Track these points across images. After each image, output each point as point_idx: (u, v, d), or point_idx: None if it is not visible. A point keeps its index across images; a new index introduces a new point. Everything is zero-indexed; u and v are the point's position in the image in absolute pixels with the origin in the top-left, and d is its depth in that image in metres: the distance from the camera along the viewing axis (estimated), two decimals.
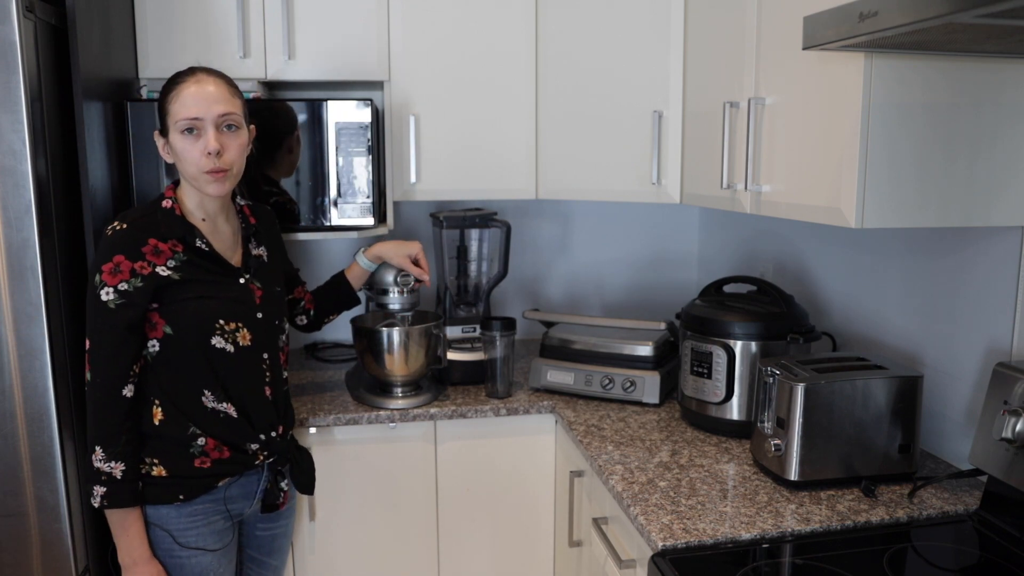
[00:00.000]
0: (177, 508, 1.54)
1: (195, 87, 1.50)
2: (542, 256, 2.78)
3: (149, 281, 1.47)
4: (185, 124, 1.49)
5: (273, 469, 1.68)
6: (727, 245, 2.63)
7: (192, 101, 1.49)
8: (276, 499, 1.70)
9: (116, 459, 1.47)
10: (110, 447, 1.47)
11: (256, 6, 2.13)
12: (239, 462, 1.60)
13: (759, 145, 1.64)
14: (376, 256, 2.00)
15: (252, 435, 1.61)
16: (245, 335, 1.58)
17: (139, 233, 1.48)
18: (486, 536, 2.17)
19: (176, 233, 1.51)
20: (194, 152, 1.50)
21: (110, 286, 1.45)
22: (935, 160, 1.37)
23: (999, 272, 1.55)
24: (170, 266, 1.49)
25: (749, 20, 1.67)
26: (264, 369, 1.63)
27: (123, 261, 1.46)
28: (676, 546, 1.37)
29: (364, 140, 2.10)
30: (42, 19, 1.61)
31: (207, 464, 1.56)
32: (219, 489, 1.58)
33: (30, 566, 1.65)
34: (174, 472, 1.53)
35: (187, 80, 1.52)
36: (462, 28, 2.25)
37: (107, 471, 1.46)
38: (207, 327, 1.53)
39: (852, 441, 1.57)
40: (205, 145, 1.49)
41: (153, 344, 1.52)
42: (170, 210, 1.53)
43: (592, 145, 2.20)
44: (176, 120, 1.49)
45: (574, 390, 2.16)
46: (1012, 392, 1.40)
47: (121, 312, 1.46)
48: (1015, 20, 0.97)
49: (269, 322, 1.64)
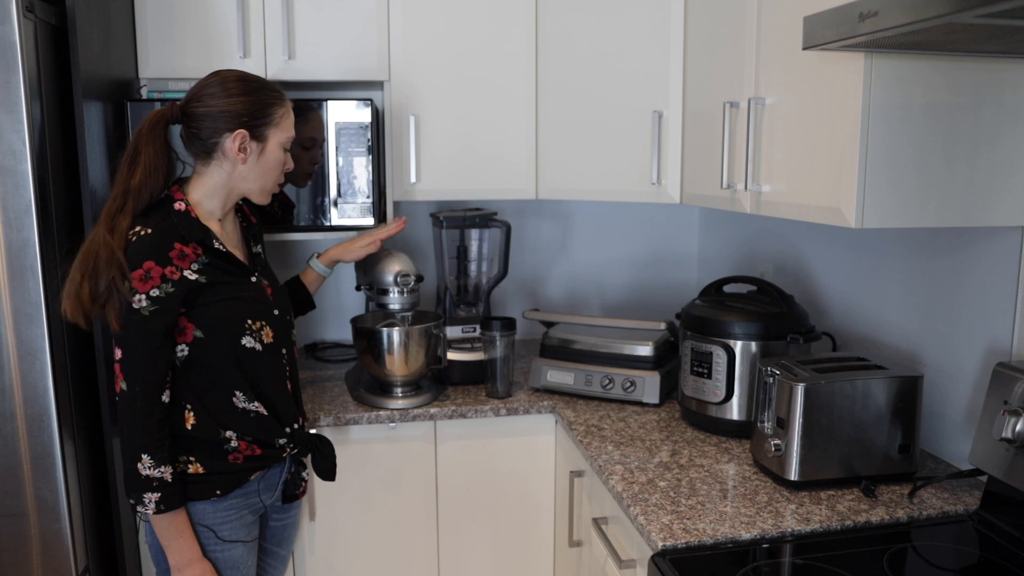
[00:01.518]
0: (214, 503, 1.55)
1: (291, 111, 1.61)
2: (542, 256, 2.78)
3: (180, 286, 1.46)
4: (289, 143, 1.60)
5: (295, 460, 1.71)
6: (727, 245, 2.63)
7: (292, 123, 1.61)
8: (296, 488, 1.73)
9: (164, 463, 1.47)
10: (157, 453, 1.46)
11: (256, 6, 2.13)
12: (269, 457, 1.62)
13: (759, 145, 1.64)
14: (331, 260, 1.97)
15: (280, 431, 1.63)
16: (268, 333, 1.59)
17: (165, 237, 1.46)
18: (486, 536, 2.17)
19: (195, 236, 1.50)
20: (280, 167, 1.60)
21: (142, 293, 1.43)
22: (935, 160, 1.37)
23: (999, 272, 1.55)
24: (195, 269, 1.48)
25: (749, 20, 1.67)
26: (284, 364, 1.65)
27: (153, 267, 1.44)
28: (676, 546, 1.37)
29: (364, 140, 2.10)
30: (42, 19, 1.61)
31: (240, 460, 1.57)
32: (252, 482, 1.61)
33: (30, 566, 1.65)
34: (211, 468, 1.54)
35: (287, 100, 1.60)
36: (462, 28, 2.25)
37: (158, 476, 1.46)
38: (237, 328, 1.54)
39: (852, 441, 1.57)
40: (287, 163, 1.61)
41: (182, 349, 1.51)
42: (185, 212, 1.51)
43: (592, 145, 2.20)
44: (287, 136, 1.58)
45: (574, 390, 2.16)
46: (1012, 392, 1.40)
47: (156, 318, 1.44)
48: (1015, 20, 0.97)
49: (283, 318, 1.66)
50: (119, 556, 1.87)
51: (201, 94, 1.52)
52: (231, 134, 1.51)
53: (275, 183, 1.61)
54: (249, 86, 1.54)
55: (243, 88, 1.53)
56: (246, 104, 1.52)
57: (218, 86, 1.52)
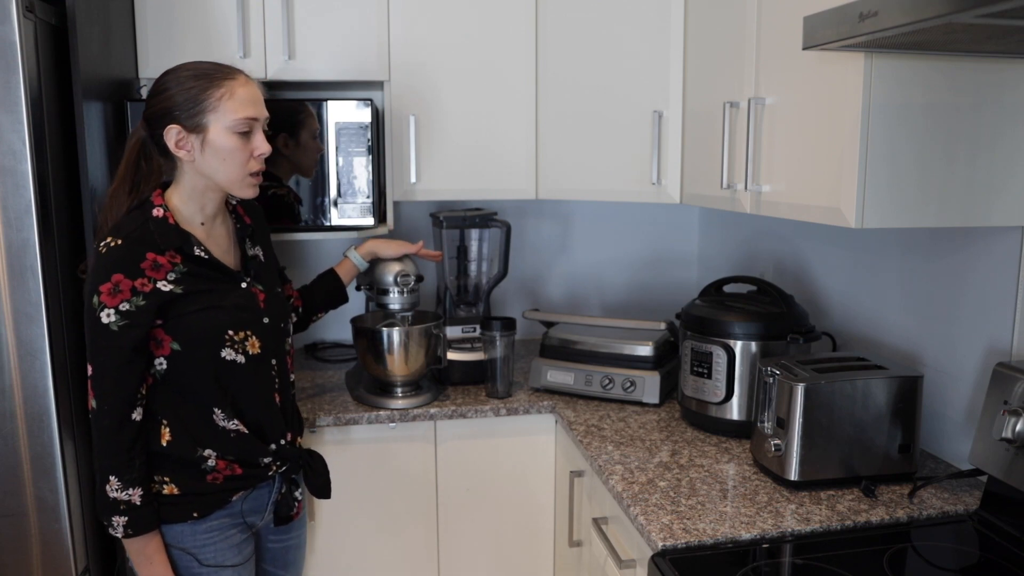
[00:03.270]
0: (192, 525, 1.49)
1: (247, 88, 1.45)
2: (542, 256, 2.78)
3: (151, 298, 1.40)
4: (243, 125, 1.44)
5: (286, 478, 1.63)
6: (727, 245, 2.63)
7: (250, 101, 1.45)
8: (290, 510, 1.64)
9: (133, 485, 1.41)
10: (125, 474, 1.41)
11: (256, 6, 2.13)
12: (252, 476, 1.55)
13: (759, 145, 1.64)
14: (369, 252, 1.97)
15: (263, 449, 1.55)
16: (254, 343, 1.52)
17: (136, 247, 1.40)
18: (486, 536, 2.17)
19: (172, 243, 1.43)
20: (244, 154, 1.45)
21: (111, 307, 1.37)
22: (935, 160, 1.37)
23: (999, 272, 1.55)
24: (171, 279, 1.42)
25: (749, 20, 1.67)
26: (273, 376, 1.57)
27: (122, 280, 1.38)
28: (676, 546, 1.37)
29: (364, 140, 2.10)
30: (42, 19, 1.61)
31: (219, 480, 1.50)
32: (234, 503, 1.53)
33: (30, 566, 1.65)
34: (186, 490, 1.48)
35: (236, 78, 1.45)
36: (462, 28, 2.25)
37: (126, 499, 1.41)
38: (216, 339, 1.47)
39: (852, 441, 1.57)
40: (256, 147, 1.46)
41: (160, 362, 1.45)
42: (162, 219, 1.44)
43: (592, 145, 2.20)
44: (233, 118, 1.43)
45: (574, 390, 2.16)
46: (1012, 392, 1.40)
47: (125, 333, 1.39)
48: (1015, 20, 0.97)
49: (275, 326, 1.58)
50: (119, 556, 1.87)
51: (147, 98, 1.47)
52: (165, 131, 1.43)
53: (242, 170, 1.47)
54: (179, 76, 1.44)
55: (174, 81, 1.44)
56: (176, 97, 1.43)
57: (155, 85, 1.46)
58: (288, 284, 1.89)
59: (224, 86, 1.43)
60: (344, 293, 1.96)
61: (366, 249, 1.98)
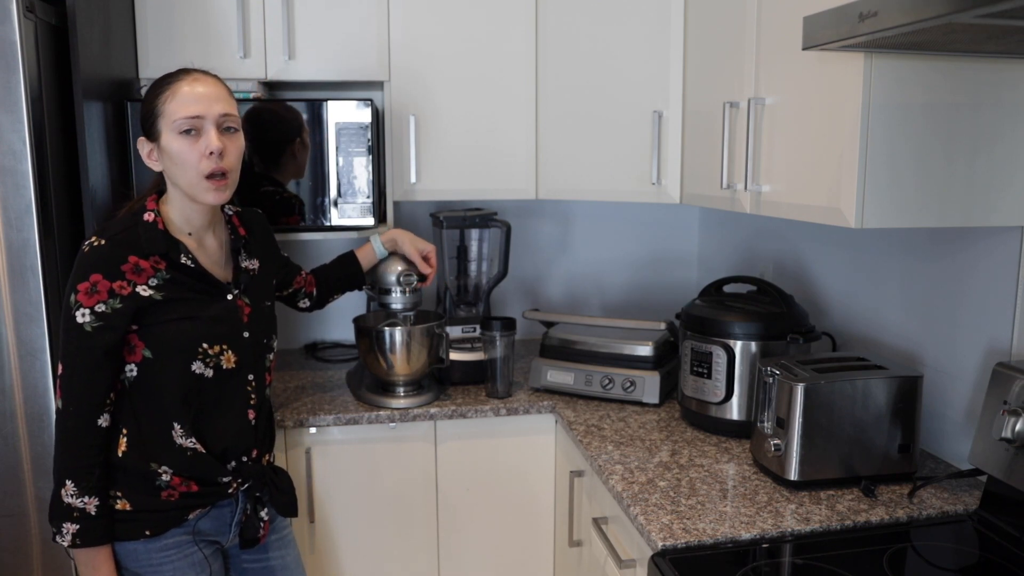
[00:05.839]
0: (145, 544, 1.43)
1: (193, 85, 1.40)
2: (542, 256, 2.78)
3: (129, 302, 1.37)
4: (185, 124, 1.38)
5: (250, 497, 1.56)
6: (727, 245, 2.63)
7: (192, 99, 1.39)
8: (256, 531, 1.57)
9: (89, 494, 1.36)
10: (83, 481, 1.36)
11: (256, 6, 2.13)
12: (210, 494, 1.48)
13: (759, 145, 1.64)
14: (391, 240, 1.99)
15: (221, 469, 1.49)
16: (230, 357, 1.48)
17: (118, 249, 1.37)
18: (486, 536, 2.17)
19: (158, 249, 1.40)
20: (193, 154, 1.39)
21: (86, 307, 1.35)
22: (935, 160, 1.37)
23: (999, 272, 1.55)
24: (152, 285, 1.39)
25: (749, 20, 1.67)
26: (249, 392, 1.52)
27: (100, 280, 1.35)
28: (676, 546, 1.37)
29: (364, 140, 2.11)
30: (42, 19, 1.61)
31: (174, 497, 1.44)
32: (189, 522, 1.47)
33: (30, 566, 1.65)
34: (139, 506, 1.42)
35: (183, 79, 1.41)
36: (462, 28, 2.25)
37: (80, 507, 1.36)
38: (189, 351, 1.43)
39: (852, 441, 1.57)
40: (206, 145, 1.39)
41: (131, 368, 1.41)
42: (152, 224, 1.41)
43: (592, 145, 2.21)
44: (174, 119, 1.38)
45: (574, 390, 2.16)
46: (1012, 392, 1.40)
47: (98, 335, 1.35)
48: (1015, 20, 0.97)
49: (257, 341, 1.53)
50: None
51: None
52: (138, 145, 1.45)
53: (195, 172, 1.40)
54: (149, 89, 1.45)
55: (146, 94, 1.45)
56: (141, 109, 1.44)
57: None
58: (300, 274, 1.91)
59: (168, 89, 1.40)
60: (362, 277, 2.00)
61: (388, 236, 2.00)
